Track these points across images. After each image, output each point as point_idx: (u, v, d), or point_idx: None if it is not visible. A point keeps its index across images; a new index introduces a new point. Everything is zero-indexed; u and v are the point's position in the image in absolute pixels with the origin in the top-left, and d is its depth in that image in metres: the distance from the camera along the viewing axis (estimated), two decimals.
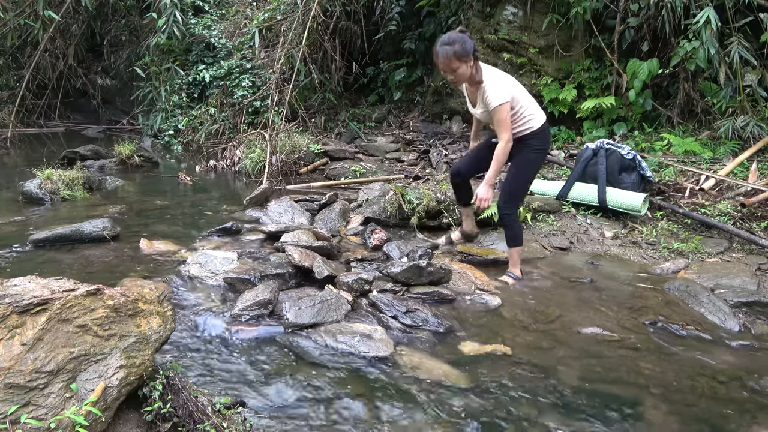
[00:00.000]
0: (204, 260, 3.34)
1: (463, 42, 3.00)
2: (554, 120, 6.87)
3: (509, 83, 3.20)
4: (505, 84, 3.16)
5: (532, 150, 3.30)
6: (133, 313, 1.85)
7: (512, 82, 3.26)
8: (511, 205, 3.35)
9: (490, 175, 3.23)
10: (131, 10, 9.91)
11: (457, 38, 3.01)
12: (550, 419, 2.09)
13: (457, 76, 3.09)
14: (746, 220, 4.29)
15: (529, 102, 3.28)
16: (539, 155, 3.35)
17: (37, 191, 5.01)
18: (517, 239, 3.40)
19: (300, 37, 7.17)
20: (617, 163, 4.64)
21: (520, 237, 3.41)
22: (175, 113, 8.48)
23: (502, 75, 3.22)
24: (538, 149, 3.32)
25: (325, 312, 2.78)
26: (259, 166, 6.34)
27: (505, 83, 3.16)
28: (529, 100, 3.30)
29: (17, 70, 9.60)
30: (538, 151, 3.32)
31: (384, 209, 4.40)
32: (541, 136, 3.30)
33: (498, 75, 3.19)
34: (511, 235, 3.40)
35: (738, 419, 2.14)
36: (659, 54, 6.15)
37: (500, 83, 3.13)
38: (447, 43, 3.01)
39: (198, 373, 2.28)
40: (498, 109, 3.09)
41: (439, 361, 2.47)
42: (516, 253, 3.43)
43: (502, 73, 3.26)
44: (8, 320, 1.60)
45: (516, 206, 3.41)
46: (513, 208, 3.38)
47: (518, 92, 3.23)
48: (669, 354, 2.64)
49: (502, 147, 3.16)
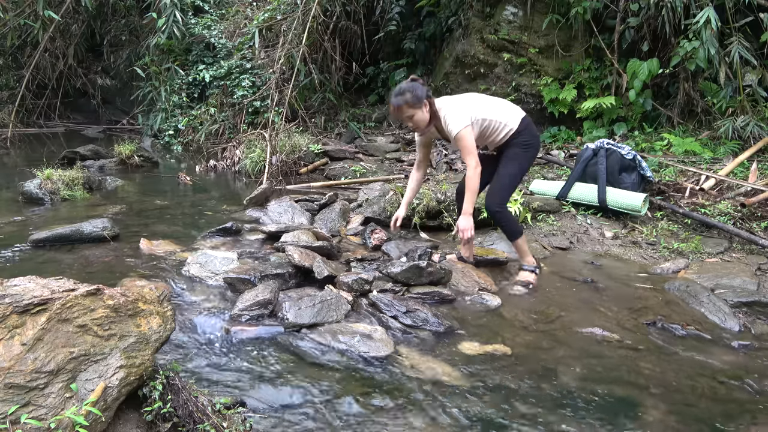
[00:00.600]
0: (204, 260, 3.34)
1: (413, 90, 3.04)
2: (554, 120, 6.88)
3: (467, 104, 3.18)
4: (463, 108, 3.14)
5: (519, 146, 3.25)
6: (133, 313, 1.85)
7: (471, 101, 3.23)
8: (500, 202, 3.29)
9: (466, 206, 3.21)
10: (131, 10, 9.91)
11: (407, 88, 3.06)
12: (550, 419, 2.09)
13: (415, 122, 3.13)
14: (746, 220, 4.29)
15: (497, 109, 3.24)
16: (527, 150, 3.28)
17: (37, 191, 5.01)
18: (516, 231, 3.35)
19: (300, 37, 7.17)
20: (617, 163, 4.64)
21: (518, 228, 3.37)
22: (175, 113, 8.48)
23: (458, 100, 3.22)
24: (526, 144, 3.26)
25: (325, 312, 2.78)
26: (259, 166, 6.34)
27: (462, 107, 3.14)
28: (497, 107, 3.25)
29: (17, 70, 9.61)
30: (526, 146, 3.26)
31: (384, 209, 4.40)
32: (524, 133, 3.25)
33: (454, 102, 3.18)
34: (509, 230, 3.35)
35: (738, 419, 2.14)
36: (659, 54, 6.15)
37: (457, 109, 3.12)
38: (398, 94, 3.07)
39: (198, 373, 2.28)
40: (459, 136, 3.09)
41: (439, 361, 2.47)
42: (522, 243, 3.37)
43: (459, 97, 3.27)
44: (8, 320, 1.60)
45: (505, 203, 3.34)
46: (502, 205, 3.31)
47: (480, 107, 3.19)
48: (669, 354, 2.64)
49: (471, 175, 3.15)
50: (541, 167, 6.00)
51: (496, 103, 3.29)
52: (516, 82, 7.01)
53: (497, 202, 3.27)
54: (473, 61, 7.21)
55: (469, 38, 7.30)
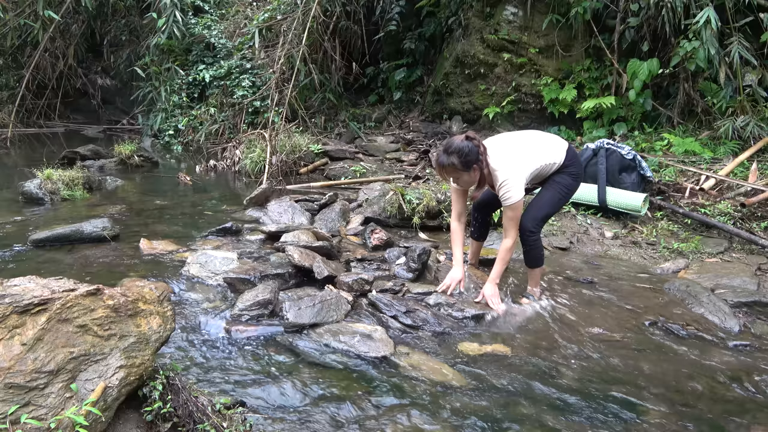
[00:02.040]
0: (204, 260, 3.34)
1: (464, 154, 2.79)
2: (554, 120, 6.87)
3: (521, 161, 2.93)
4: (519, 171, 2.90)
5: (568, 175, 3.08)
6: (133, 313, 1.85)
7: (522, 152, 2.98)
8: (537, 226, 3.07)
9: (494, 274, 3.04)
10: (131, 10, 9.91)
11: (457, 149, 2.80)
12: (550, 419, 2.09)
13: (461, 183, 2.98)
14: (746, 220, 4.29)
15: (545, 150, 3.03)
16: (574, 181, 3.10)
17: (37, 191, 5.01)
18: (539, 260, 3.13)
19: (300, 37, 7.17)
20: (617, 163, 4.64)
21: (542, 257, 3.14)
22: (175, 113, 8.48)
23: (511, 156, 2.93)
24: (573, 174, 3.09)
25: (325, 312, 2.78)
26: (259, 166, 6.34)
27: (518, 169, 2.89)
28: (545, 148, 3.03)
29: (17, 70, 9.60)
30: (573, 176, 3.09)
31: (384, 209, 4.40)
32: (572, 164, 3.07)
33: (511, 162, 2.90)
34: (533, 256, 3.11)
35: (738, 419, 2.14)
36: (659, 54, 6.15)
37: (516, 173, 2.87)
38: (447, 153, 2.83)
39: (198, 373, 2.28)
40: (514, 206, 2.89)
41: (439, 361, 2.47)
42: (538, 274, 3.20)
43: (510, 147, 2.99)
44: (8, 320, 1.60)
45: (541, 226, 3.11)
46: (539, 228, 3.09)
47: (532, 157, 2.98)
48: (669, 354, 2.64)
49: (508, 247, 2.98)
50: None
51: (542, 140, 3.09)
52: (516, 82, 7.01)
53: (533, 224, 3.04)
54: (473, 61, 7.20)
55: (469, 38, 7.30)
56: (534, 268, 3.15)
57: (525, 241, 3.06)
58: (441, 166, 2.87)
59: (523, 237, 3.05)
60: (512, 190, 2.85)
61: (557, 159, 3.03)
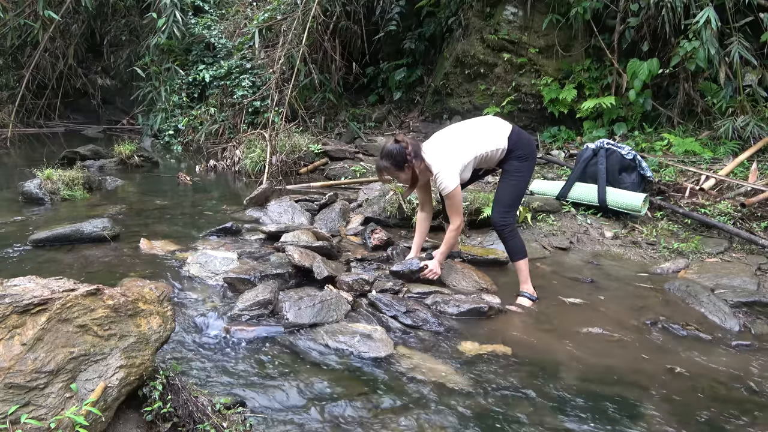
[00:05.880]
0: (204, 260, 3.34)
1: (393, 157, 3.04)
2: (554, 120, 6.87)
3: (456, 152, 3.07)
4: (453, 161, 3.04)
5: (516, 159, 3.13)
6: (133, 313, 1.85)
7: (459, 143, 3.11)
8: (507, 216, 3.15)
9: (441, 256, 3.26)
10: (131, 10, 9.91)
11: (388, 152, 3.06)
12: (550, 419, 2.09)
13: (402, 182, 3.22)
14: (746, 220, 4.28)
15: (484, 138, 3.11)
16: (523, 162, 3.15)
17: (37, 191, 5.01)
18: (520, 251, 3.17)
19: (300, 37, 7.17)
20: (617, 163, 4.64)
21: (522, 248, 3.18)
22: (175, 113, 8.48)
23: (447, 147, 3.09)
24: (521, 157, 3.13)
25: (325, 312, 2.78)
26: (259, 166, 6.34)
27: (452, 160, 3.04)
28: (484, 135, 3.12)
29: (17, 70, 9.60)
30: (521, 158, 3.13)
31: (384, 209, 4.40)
32: (517, 147, 3.12)
33: (443, 153, 3.07)
34: (513, 247, 3.18)
35: (738, 419, 2.14)
36: (659, 54, 6.15)
37: (447, 165, 3.02)
38: (382, 157, 3.11)
39: (198, 373, 2.28)
40: (450, 195, 3.05)
41: (438, 361, 2.47)
42: (524, 267, 3.19)
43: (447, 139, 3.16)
44: (8, 320, 1.60)
45: (510, 217, 3.17)
46: (510, 218, 3.16)
47: (469, 147, 3.08)
48: (669, 354, 2.64)
49: (454, 233, 3.17)
50: (541, 167, 5.99)
51: (482, 129, 3.17)
52: (516, 82, 7.01)
53: (500, 217, 3.14)
54: (473, 61, 7.20)
55: (469, 38, 7.30)
56: (518, 260, 3.21)
57: (500, 235, 3.21)
58: (379, 169, 3.16)
59: (497, 232, 3.22)
60: (445, 180, 3.01)
61: (500, 145, 3.12)
